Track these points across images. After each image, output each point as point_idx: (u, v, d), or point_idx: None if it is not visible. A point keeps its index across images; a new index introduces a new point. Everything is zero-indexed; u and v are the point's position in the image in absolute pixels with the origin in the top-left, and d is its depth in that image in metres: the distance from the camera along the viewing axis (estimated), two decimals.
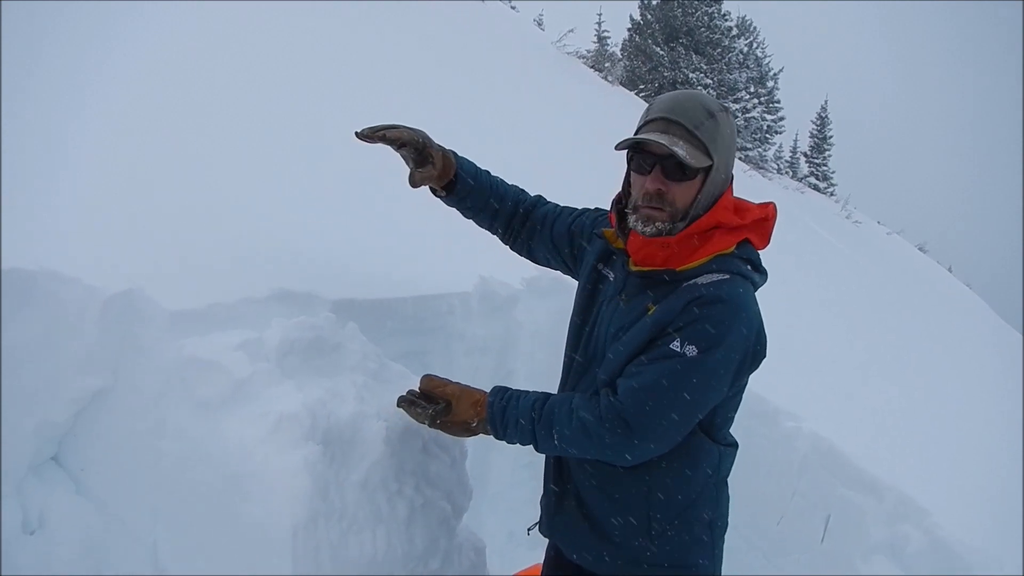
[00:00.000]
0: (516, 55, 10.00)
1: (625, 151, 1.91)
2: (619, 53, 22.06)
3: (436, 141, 2.23)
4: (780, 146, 25.75)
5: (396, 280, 3.06)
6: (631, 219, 1.90)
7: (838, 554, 4.12)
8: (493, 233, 2.41)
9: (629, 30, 22.35)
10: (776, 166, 23.60)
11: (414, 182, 2.20)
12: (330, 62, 5.24)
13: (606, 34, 22.33)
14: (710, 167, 1.83)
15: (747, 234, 1.93)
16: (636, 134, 1.87)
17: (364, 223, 3.42)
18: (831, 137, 25.45)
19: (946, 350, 8.74)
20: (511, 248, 2.43)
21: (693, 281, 1.86)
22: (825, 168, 25.33)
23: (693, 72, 20.41)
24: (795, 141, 26.23)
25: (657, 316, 1.86)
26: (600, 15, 21.99)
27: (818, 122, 25.79)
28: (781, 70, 23.51)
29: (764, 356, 1.91)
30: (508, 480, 3.88)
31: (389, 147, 2.15)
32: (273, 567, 1.85)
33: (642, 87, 19.24)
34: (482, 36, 9.29)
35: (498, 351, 3.73)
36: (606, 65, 16.45)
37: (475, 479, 2.89)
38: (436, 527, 2.34)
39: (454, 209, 2.39)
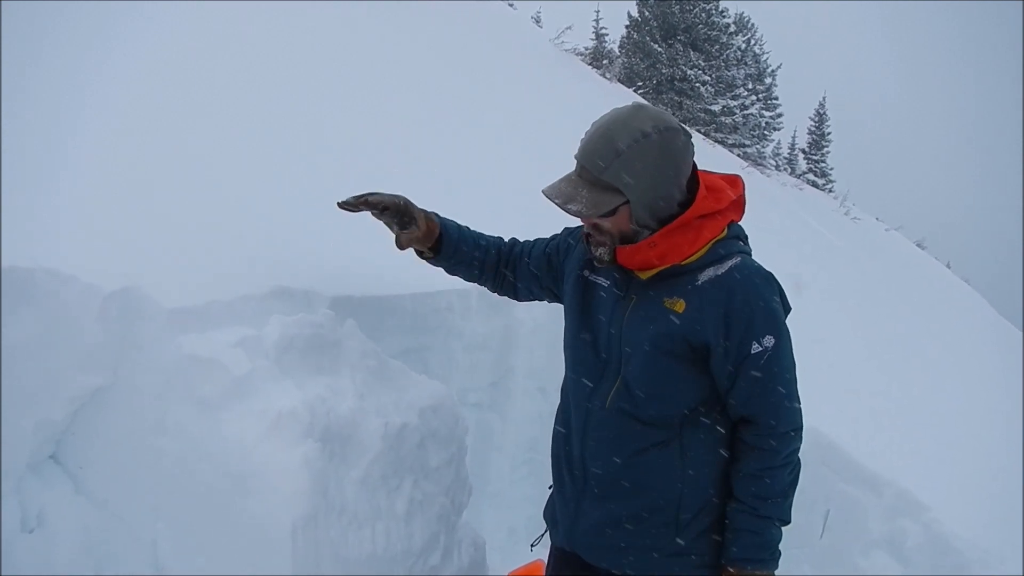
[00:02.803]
0: (514, 52, 9.99)
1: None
2: (617, 50, 22.05)
3: (418, 205, 2.29)
4: (778, 143, 25.72)
5: (395, 277, 3.06)
6: (590, 243, 2.00)
7: (837, 549, 4.13)
8: (481, 284, 2.43)
9: (627, 27, 22.31)
10: (775, 163, 23.58)
11: (400, 244, 2.26)
12: (326, 60, 5.23)
13: (604, 31, 22.29)
14: (627, 200, 1.89)
15: (730, 216, 2.01)
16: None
17: (362, 220, 3.42)
18: (829, 134, 25.42)
19: (945, 345, 8.74)
20: (499, 293, 2.46)
21: (708, 273, 1.93)
22: (824, 165, 25.31)
23: (691, 69, 20.40)
24: (793, 138, 26.19)
25: (693, 316, 1.92)
26: (598, 12, 21.96)
27: (816, 119, 25.77)
28: (779, 67, 23.50)
29: (790, 309, 2.03)
30: (508, 476, 3.88)
31: (373, 211, 2.23)
32: (273, 564, 1.86)
33: (640, 84, 19.21)
34: (480, 33, 9.28)
35: (497, 348, 3.73)
36: (604, 62, 16.45)
37: (475, 475, 2.90)
38: (436, 523, 2.35)
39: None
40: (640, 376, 1.96)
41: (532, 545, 2.40)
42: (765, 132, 22.90)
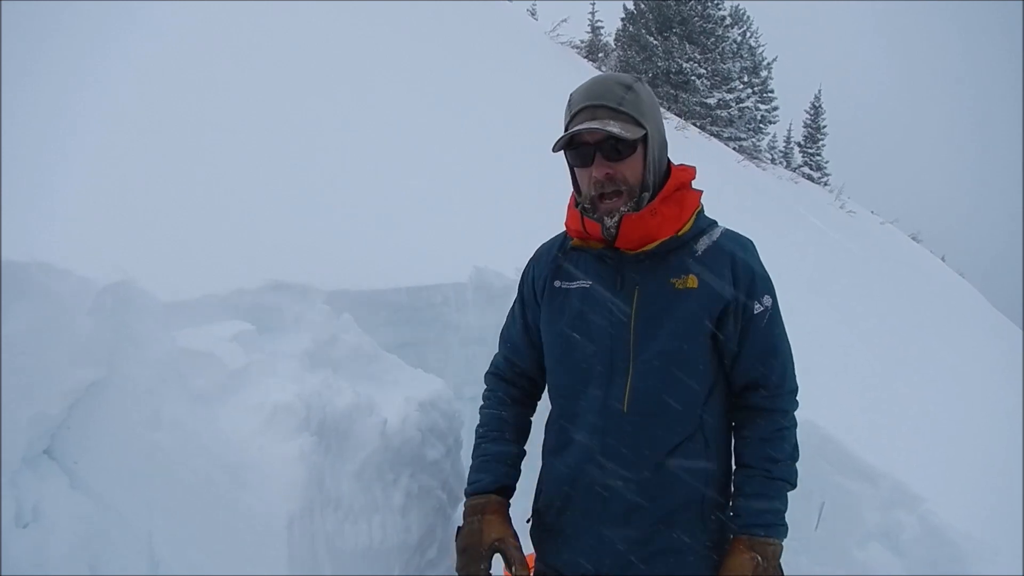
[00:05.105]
0: (509, 45, 9.98)
1: (562, 152, 1.96)
2: (613, 43, 22.05)
3: (484, 520, 2.05)
4: (774, 136, 25.81)
5: (390, 271, 3.07)
6: (595, 217, 1.92)
7: (833, 541, 4.14)
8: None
9: (623, 20, 22.31)
10: (770, 156, 23.63)
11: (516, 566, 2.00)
12: (322, 55, 5.22)
13: (599, 24, 22.33)
14: (646, 135, 1.90)
15: (697, 191, 2.03)
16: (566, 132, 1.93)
17: (358, 214, 3.42)
18: (825, 127, 25.49)
19: (940, 338, 8.76)
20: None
21: (704, 242, 1.96)
22: (819, 158, 25.38)
23: (687, 62, 20.40)
24: (789, 131, 26.27)
25: (708, 287, 1.91)
26: (593, 5, 21.96)
27: (812, 112, 25.81)
28: (775, 60, 23.54)
29: None
30: None
31: None
32: (269, 557, 1.86)
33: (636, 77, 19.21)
34: (475, 26, 9.26)
35: (493, 341, 3.71)
36: (600, 55, 16.45)
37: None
38: (432, 516, 2.35)
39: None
40: (658, 368, 1.90)
41: None
42: (761, 125, 22.95)
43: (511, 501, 2.11)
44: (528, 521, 2.17)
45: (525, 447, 2.22)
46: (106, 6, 3.65)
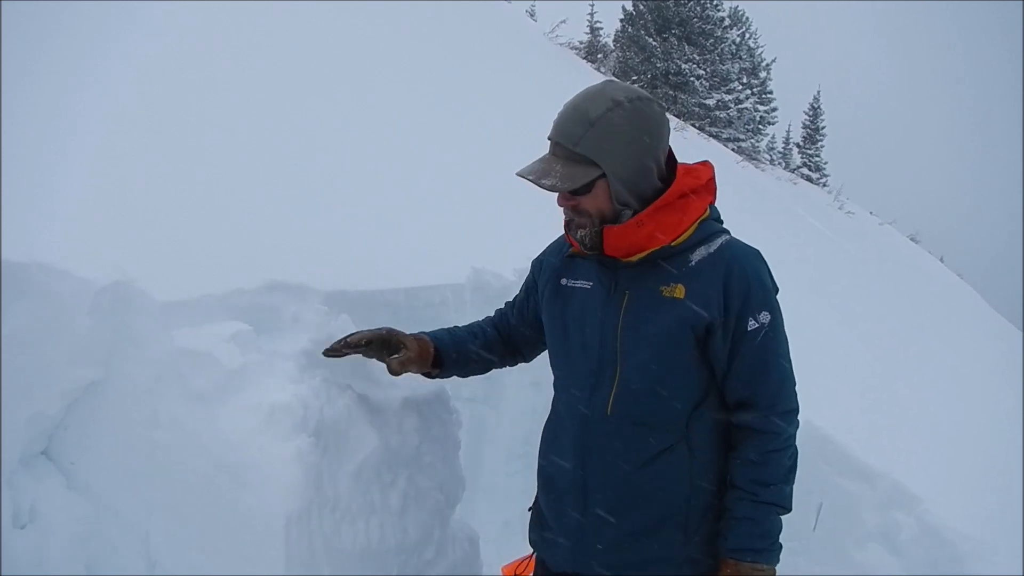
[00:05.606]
0: (509, 45, 9.99)
1: None
2: (612, 44, 22.08)
3: (405, 331, 2.21)
4: (773, 137, 25.85)
5: (389, 271, 3.07)
6: (571, 230, 1.95)
7: (831, 542, 4.15)
8: (501, 366, 2.39)
9: (621, 21, 22.32)
10: (769, 157, 23.66)
11: (393, 370, 2.13)
12: (321, 56, 5.22)
13: (598, 25, 22.36)
14: (603, 173, 1.85)
15: (708, 196, 1.97)
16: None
17: (356, 214, 3.43)
18: (823, 128, 25.50)
19: (938, 339, 8.77)
20: (517, 363, 2.40)
21: (700, 252, 1.90)
22: (818, 159, 25.40)
23: (686, 63, 20.42)
24: (788, 132, 26.28)
25: (695, 299, 1.86)
26: (592, 6, 21.98)
27: (810, 113, 25.84)
28: (774, 61, 23.56)
29: (778, 288, 1.99)
30: (502, 470, 3.89)
31: (359, 350, 2.12)
32: (266, 557, 1.86)
33: (635, 78, 19.23)
34: (475, 27, 9.27)
35: None
36: (599, 56, 16.46)
37: (468, 469, 2.90)
38: (430, 517, 2.35)
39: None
40: (642, 374, 1.89)
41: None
42: (759, 126, 22.99)
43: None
44: (529, 510, 2.20)
45: (478, 351, 2.29)
46: (106, 6, 3.65)
